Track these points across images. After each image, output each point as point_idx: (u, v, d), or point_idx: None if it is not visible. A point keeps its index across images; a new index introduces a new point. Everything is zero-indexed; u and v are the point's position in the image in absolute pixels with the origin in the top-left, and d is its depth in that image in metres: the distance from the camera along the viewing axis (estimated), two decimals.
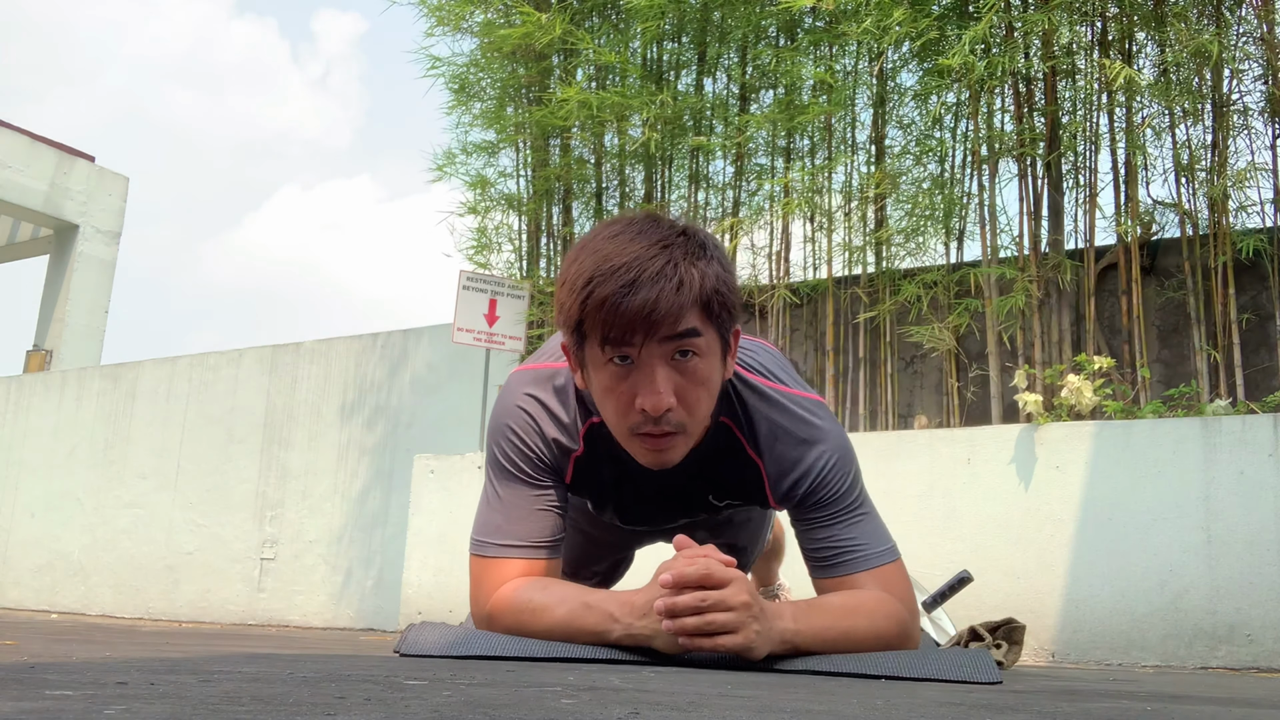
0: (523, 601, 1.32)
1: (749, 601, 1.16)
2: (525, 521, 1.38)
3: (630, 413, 1.25)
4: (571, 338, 1.27)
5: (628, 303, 1.18)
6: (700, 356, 1.24)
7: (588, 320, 1.21)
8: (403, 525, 4.99)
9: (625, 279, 1.19)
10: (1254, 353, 3.80)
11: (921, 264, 4.32)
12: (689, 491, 1.46)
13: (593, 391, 1.29)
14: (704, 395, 1.27)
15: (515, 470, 1.39)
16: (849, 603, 1.31)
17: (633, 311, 1.18)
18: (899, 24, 3.78)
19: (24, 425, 6.99)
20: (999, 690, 1.11)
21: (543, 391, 1.41)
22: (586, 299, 1.20)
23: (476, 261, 4.99)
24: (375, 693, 0.74)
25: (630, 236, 1.23)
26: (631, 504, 1.50)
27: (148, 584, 6.15)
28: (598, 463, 1.42)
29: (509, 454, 1.39)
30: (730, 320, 1.28)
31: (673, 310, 1.19)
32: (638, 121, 4.61)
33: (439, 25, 4.96)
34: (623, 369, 1.23)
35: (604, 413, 1.30)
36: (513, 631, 1.32)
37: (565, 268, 1.27)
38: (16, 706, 0.57)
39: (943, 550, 3.27)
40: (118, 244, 9.63)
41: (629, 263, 1.20)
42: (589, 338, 1.23)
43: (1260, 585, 2.88)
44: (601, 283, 1.19)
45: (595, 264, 1.21)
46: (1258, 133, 3.84)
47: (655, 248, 1.21)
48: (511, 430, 1.40)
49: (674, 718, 0.67)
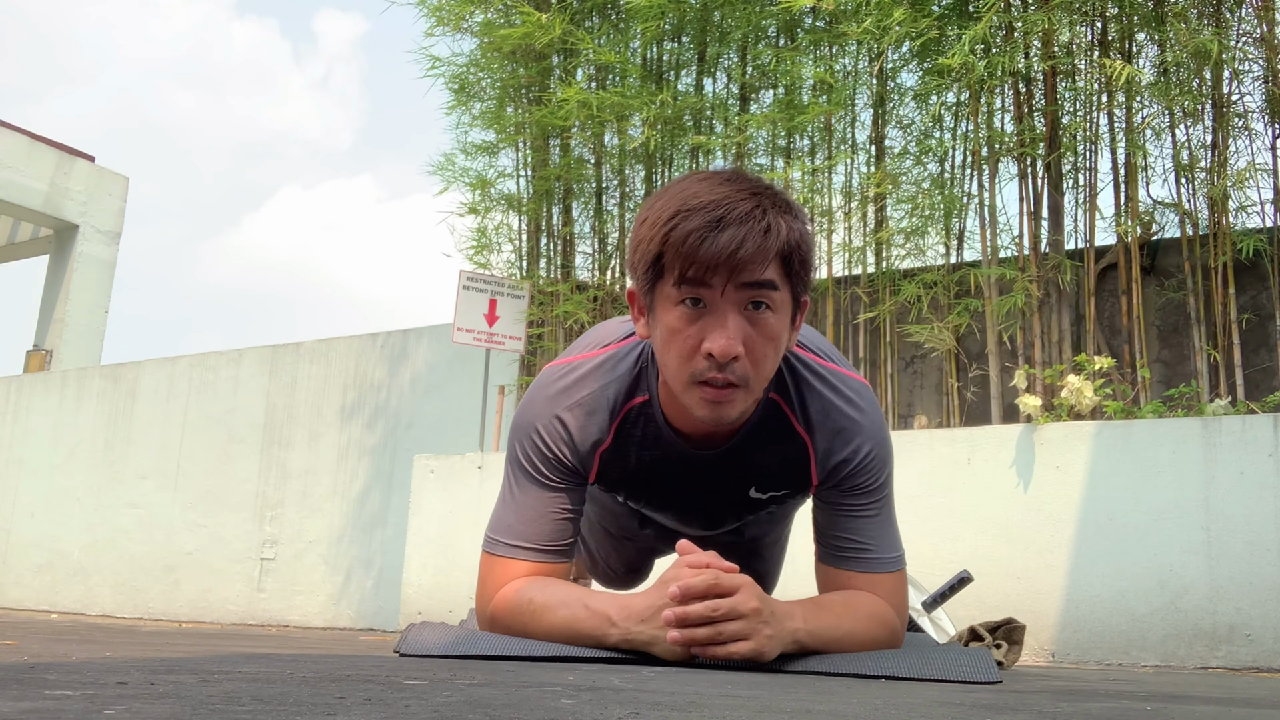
0: (524, 602, 1.31)
1: (759, 607, 1.16)
2: (537, 524, 1.36)
3: (695, 358, 1.21)
4: (644, 277, 1.23)
5: (713, 239, 1.15)
6: (773, 311, 1.21)
7: (668, 253, 1.18)
8: (403, 525, 4.99)
9: (713, 215, 1.16)
10: (1254, 353, 3.80)
11: (921, 264, 4.32)
12: (728, 485, 1.42)
13: (656, 337, 1.25)
14: (771, 351, 1.23)
15: (534, 472, 1.37)
16: (851, 605, 1.31)
17: (717, 249, 1.15)
18: (899, 24, 3.78)
19: (24, 425, 6.99)
20: (999, 690, 1.11)
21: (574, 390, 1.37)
22: (670, 231, 1.17)
23: (476, 261, 4.99)
24: (375, 693, 0.74)
25: (718, 181, 1.21)
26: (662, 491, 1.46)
27: (148, 584, 6.15)
28: (629, 450, 1.38)
29: (530, 455, 1.37)
30: (805, 283, 1.25)
31: (757, 255, 1.16)
32: (638, 121, 4.61)
33: (439, 25, 4.97)
34: (694, 311, 1.20)
35: (665, 359, 1.25)
36: (513, 631, 1.32)
37: (647, 207, 1.24)
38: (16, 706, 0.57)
39: (943, 550, 3.27)
40: (118, 244, 9.63)
41: (717, 200, 1.17)
42: (666, 274, 1.20)
43: (1260, 585, 2.88)
44: (687, 217, 1.17)
45: (682, 200, 1.18)
46: (1257, 133, 3.85)
47: (745, 193, 1.19)
48: (537, 433, 1.36)
49: (674, 718, 0.67)
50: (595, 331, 1.48)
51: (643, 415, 1.36)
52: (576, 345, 1.47)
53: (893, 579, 1.37)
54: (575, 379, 1.38)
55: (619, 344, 1.39)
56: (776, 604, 1.22)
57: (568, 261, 5.10)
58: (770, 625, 1.17)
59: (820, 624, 1.25)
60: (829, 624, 1.26)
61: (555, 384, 1.39)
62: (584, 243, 5.13)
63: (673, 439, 1.35)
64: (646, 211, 1.23)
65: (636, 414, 1.36)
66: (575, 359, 1.41)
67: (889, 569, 1.37)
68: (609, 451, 1.38)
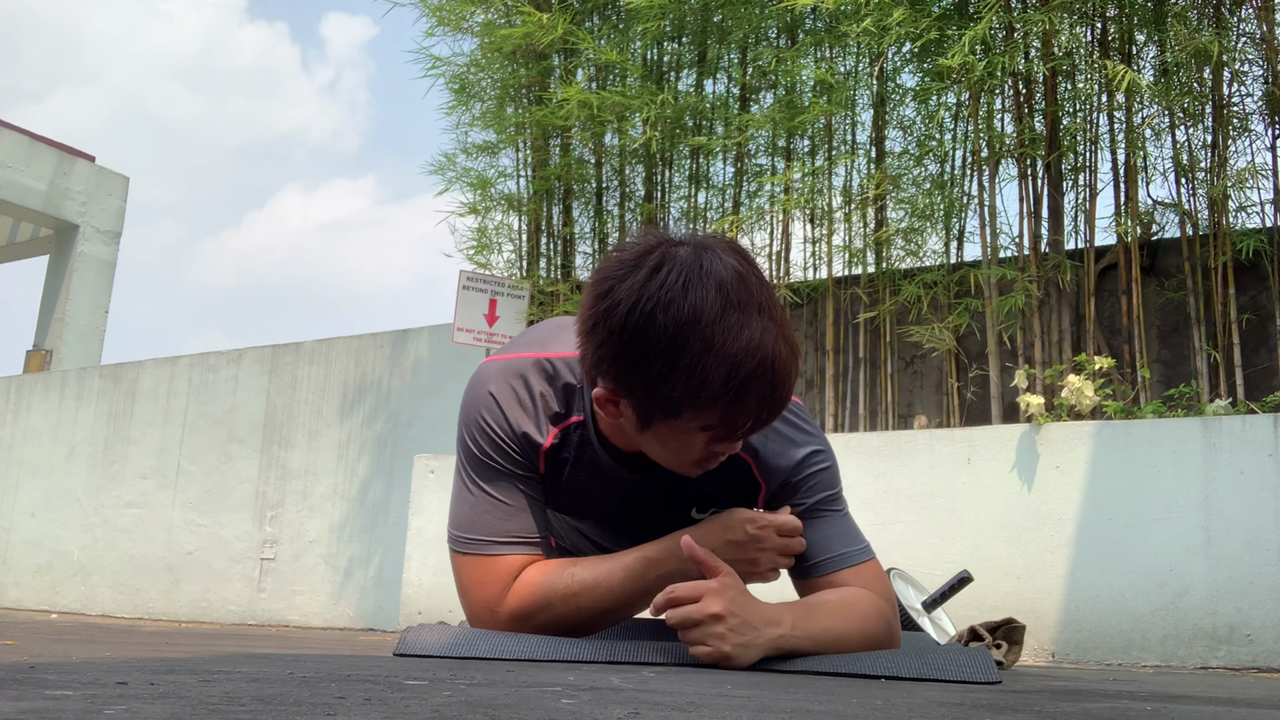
0: (561, 588, 1.29)
1: (719, 612, 1.16)
2: (517, 515, 1.34)
3: (700, 460, 1.25)
4: (650, 410, 1.18)
5: (768, 401, 1.16)
6: None
7: (720, 414, 1.15)
8: (403, 525, 4.99)
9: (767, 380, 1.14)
10: (1254, 353, 3.80)
11: (921, 264, 4.32)
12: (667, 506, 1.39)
13: (648, 437, 1.24)
14: None
15: (492, 463, 1.34)
16: (843, 604, 1.30)
17: (769, 409, 1.17)
18: (899, 24, 3.78)
19: (24, 425, 6.99)
20: (999, 690, 1.11)
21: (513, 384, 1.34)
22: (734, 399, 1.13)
23: (477, 261, 4.99)
24: (375, 693, 0.74)
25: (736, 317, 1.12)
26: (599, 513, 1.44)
27: (148, 584, 6.15)
28: (563, 469, 1.37)
29: (486, 446, 1.34)
30: None
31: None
32: (638, 121, 4.61)
33: (440, 25, 4.97)
34: (706, 435, 1.20)
35: (656, 454, 1.26)
36: (557, 622, 1.30)
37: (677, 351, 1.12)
38: (16, 706, 0.57)
39: (943, 550, 3.27)
40: (118, 244, 9.63)
41: (762, 361, 1.13)
42: (687, 417, 1.17)
43: (1260, 585, 2.88)
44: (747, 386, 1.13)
45: (730, 365, 1.12)
46: (1257, 134, 3.85)
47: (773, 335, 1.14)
48: (485, 423, 1.33)
49: (674, 718, 0.67)
50: (532, 332, 1.44)
51: (578, 435, 1.34)
52: (515, 343, 1.43)
53: (868, 569, 1.37)
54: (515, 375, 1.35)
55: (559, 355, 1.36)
56: (760, 609, 1.20)
57: (568, 261, 5.10)
58: (740, 632, 1.16)
59: (812, 627, 1.24)
60: (822, 626, 1.25)
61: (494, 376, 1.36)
62: (584, 243, 5.13)
63: (610, 464, 1.34)
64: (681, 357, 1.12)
65: (573, 433, 1.35)
66: (514, 356, 1.37)
67: (862, 559, 1.36)
68: (550, 453, 1.35)
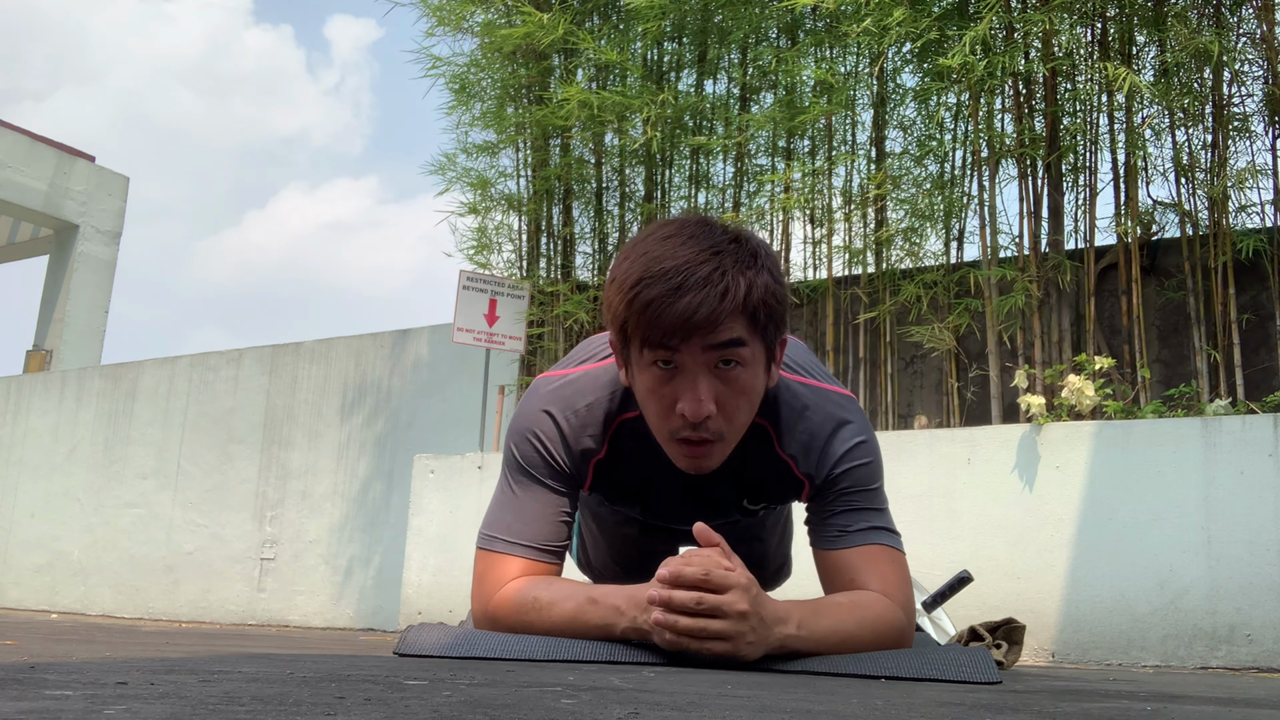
0: (528, 599, 1.32)
1: (746, 611, 1.15)
2: (536, 524, 1.38)
3: (671, 416, 1.25)
4: (618, 337, 1.27)
5: (671, 308, 1.18)
6: (743, 366, 1.23)
7: (631, 322, 1.22)
8: (403, 525, 4.99)
9: (671, 283, 1.18)
10: (1254, 353, 3.80)
11: (921, 264, 4.32)
12: (717, 494, 1.45)
13: (636, 391, 1.30)
14: (744, 405, 1.27)
15: (532, 473, 1.39)
16: (855, 607, 1.29)
17: (675, 317, 1.18)
18: (899, 24, 3.78)
19: (24, 425, 6.99)
20: (999, 690, 1.11)
21: (568, 399, 1.40)
22: (632, 300, 1.20)
23: (477, 261, 4.99)
24: (375, 693, 0.74)
25: (682, 240, 1.22)
26: (658, 502, 1.50)
27: (148, 584, 6.15)
28: (623, 462, 1.41)
29: (527, 457, 1.39)
30: (777, 331, 1.27)
31: (715, 318, 1.18)
32: (638, 121, 4.61)
33: (440, 25, 4.97)
34: (666, 372, 1.23)
35: (646, 413, 1.30)
36: (517, 628, 1.32)
37: (615, 266, 1.27)
38: (16, 706, 0.57)
39: (943, 550, 3.27)
40: (118, 244, 9.64)
41: (677, 266, 1.19)
42: (633, 339, 1.24)
43: (1260, 585, 2.88)
44: (648, 285, 1.19)
45: (644, 266, 1.21)
46: (1257, 134, 3.85)
47: (705, 253, 1.20)
48: (534, 436, 1.39)
49: (674, 718, 0.67)
50: (586, 345, 1.52)
51: (635, 430, 1.38)
52: (569, 359, 1.51)
53: (891, 555, 1.36)
54: (570, 390, 1.41)
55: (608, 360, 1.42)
56: (770, 606, 1.20)
57: (568, 261, 5.10)
58: (756, 631, 1.16)
59: (818, 627, 1.24)
60: (828, 627, 1.25)
61: (550, 392, 1.42)
62: (584, 243, 5.13)
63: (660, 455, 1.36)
64: (614, 271, 1.25)
65: (629, 428, 1.39)
66: (567, 371, 1.44)
67: (887, 542, 1.36)
68: (604, 462, 1.41)
